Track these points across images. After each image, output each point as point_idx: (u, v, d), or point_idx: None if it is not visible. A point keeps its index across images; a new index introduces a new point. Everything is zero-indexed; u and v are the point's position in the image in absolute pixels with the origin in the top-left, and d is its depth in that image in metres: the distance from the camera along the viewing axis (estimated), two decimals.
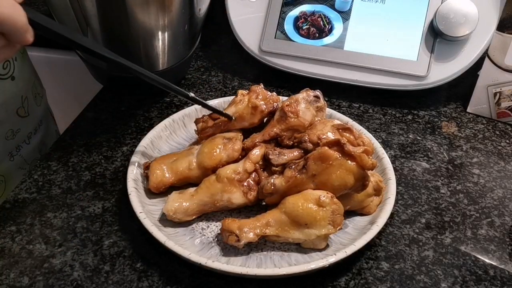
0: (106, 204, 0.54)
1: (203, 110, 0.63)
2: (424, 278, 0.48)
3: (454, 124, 0.70)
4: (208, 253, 0.48)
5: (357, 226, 0.51)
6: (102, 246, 0.50)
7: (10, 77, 0.61)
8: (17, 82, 0.63)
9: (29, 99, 0.67)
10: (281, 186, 0.49)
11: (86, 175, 0.58)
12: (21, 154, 0.66)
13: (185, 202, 0.50)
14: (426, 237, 0.52)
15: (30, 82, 0.68)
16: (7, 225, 0.52)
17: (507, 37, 0.65)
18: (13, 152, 0.65)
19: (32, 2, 1.00)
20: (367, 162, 0.48)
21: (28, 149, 0.68)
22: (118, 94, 0.72)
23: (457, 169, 0.62)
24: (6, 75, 0.61)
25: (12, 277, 0.47)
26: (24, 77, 0.65)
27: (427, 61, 0.69)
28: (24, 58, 0.66)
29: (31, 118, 0.68)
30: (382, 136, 0.66)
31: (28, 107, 0.66)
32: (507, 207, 0.56)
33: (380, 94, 0.73)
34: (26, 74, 0.66)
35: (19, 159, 0.66)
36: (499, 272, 0.49)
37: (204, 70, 0.79)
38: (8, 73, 0.61)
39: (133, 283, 0.47)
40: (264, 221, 0.48)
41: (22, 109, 0.65)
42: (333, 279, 0.48)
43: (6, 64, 0.60)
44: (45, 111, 0.74)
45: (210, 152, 0.53)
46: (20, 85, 0.64)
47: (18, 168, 0.66)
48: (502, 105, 0.69)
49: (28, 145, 0.68)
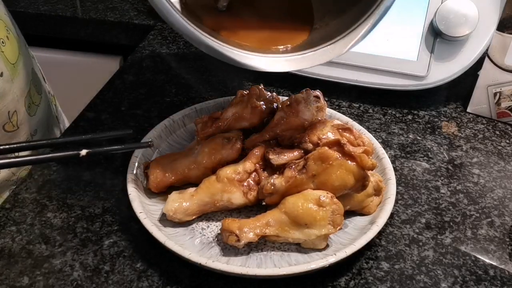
0: (106, 204, 0.54)
1: (203, 110, 0.63)
2: (424, 278, 0.48)
3: (454, 124, 0.70)
4: (208, 253, 0.48)
5: (357, 226, 0.51)
6: (102, 246, 0.50)
7: None
8: (1, 99, 0.59)
9: (19, 112, 0.62)
10: (281, 186, 0.49)
11: (86, 176, 0.58)
12: (10, 168, 0.62)
13: (185, 202, 0.50)
14: (426, 237, 0.52)
15: (22, 94, 0.63)
16: (7, 225, 0.52)
17: (507, 37, 0.65)
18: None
19: (32, 2, 1.00)
20: (367, 162, 0.48)
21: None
22: (118, 94, 0.72)
23: (457, 169, 0.62)
24: None
25: (12, 277, 0.47)
26: (13, 91, 0.61)
27: (427, 61, 0.69)
28: (15, 72, 0.62)
29: (22, 130, 0.64)
30: (382, 136, 0.66)
31: (18, 121, 0.62)
32: (507, 207, 0.56)
33: (380, 94, 0.73)
34: (16, 88, 0.62)
35: (6, 171, 0.62)
36: (499, 272, 0.49)
37: (204, 70, 0.79)
38: None
39: (133, 283, 0.47)
40: (264, 221, 0.48)
41: (10, 124, 0.61)
42: (333, 279, 0.48)
43: None
44: (42, 119, 0.69)
45: (210, 152, 0.53)
46: (6, 100, 0.60)
47: (5, 181, 0.62)
48: (502, 105, 0.69)
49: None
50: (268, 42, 0.53)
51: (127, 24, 0.95)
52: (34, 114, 0.67)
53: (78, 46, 1.03)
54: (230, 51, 0.49)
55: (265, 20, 0.56)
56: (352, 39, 0.49)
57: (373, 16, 0.48)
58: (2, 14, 0.63)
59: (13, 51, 0.62)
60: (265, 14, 0.57)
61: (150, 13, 0.97)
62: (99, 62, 1.02)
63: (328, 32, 0.52)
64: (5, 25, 0.62)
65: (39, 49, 0.94)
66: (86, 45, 1.02)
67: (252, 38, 0.53)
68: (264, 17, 0.56)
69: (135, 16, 0.96)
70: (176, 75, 0.78)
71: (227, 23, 0.54)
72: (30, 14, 0.98)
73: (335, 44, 0.50)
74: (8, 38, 0.62)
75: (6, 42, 0.61)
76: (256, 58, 0.49)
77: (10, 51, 0.61)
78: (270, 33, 0.54)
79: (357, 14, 0.50)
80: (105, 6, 1.00)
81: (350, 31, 0.49)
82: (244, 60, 0.49)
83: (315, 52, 0.50)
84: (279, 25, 0.55)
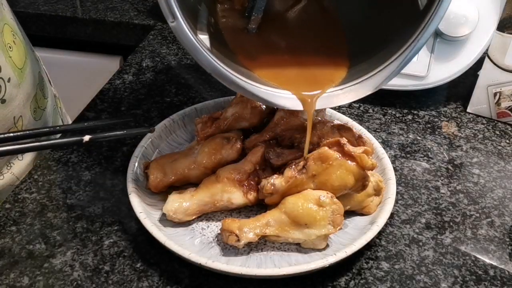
0: (106, 204, 0.54)
1: (203, 110, 0.63)
2: (424, 278, 0.48)
3: (454, 124, 0.70)
4: (208, 253, 0.48)
5: (357, 226, 0.51)
6: (102, 246, 0.50)
7: (0, 101, 0.57)
8: (8, 105, 0.58)
9: (24, 117, 0.62)
10: (281, 186, 0.49)
11: (86, 175, 0.58)
12: (13, 172, 0.62)
13: (185, 202, 0.50)
14: (426, 237, 0.52)
15: (28, 99, 0.63)
16: (7, 225, 0.52)
17: (507, 37, 0.65)
18: (3, 170, 0.61)
19: (32, 2, 1.00)
20: (367, 162, 0.48)
21: (20, 166, 0.63)
22: (118, 94, 0.72)
23: (457, 169, 0.62)
24: None
25: (12, 277, 0.47)
26: (20, 97, 0.61)
27: (427, 61, 0.69)
28: (22, 76, 0.61)
29: None
30: (382, 136, 0.66)
31: (23, 126, 0.62)
32: (507, 207, 0.56)
33: (380, 94, 0.73)
34: (23, 93, 0.61)
35: (9, 176, 0.62)
36: (499, 272, 0.49)
37: (204, 70, 0.79)
38: None
39: (133, 283, 0.47)
40: (264, 221, 0.48)
41: (15, 129, 0.60)
42: (333, 279, 0.48)
43: None
44: (47, 123, 0.69)
45: (210, 152, 0.53)
46: (12, 106, 0.59)
47: (8, 186, 0.61)
48: (502, 105, 0.69)
49: (21, 161, 0.63)
50: (308, 84, 0.51)
51: (127, 24, 0.95)
52: (39, 119, 0.66)
53: (78, 46, 1.03)
54: (263, 91, 0.48)
55: (297, 51, 0.54)
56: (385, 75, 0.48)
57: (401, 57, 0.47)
58: (9, 18, 0.62)
59: (20, 56, 0.61)
60: (297, 42, 0.55)
61: (150, 13, 0.97)
62: (99, 62, 1.02)
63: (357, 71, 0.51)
64: (12, 30, 0.62)
65: (39, 49, 0.93)
66: (86, 45, 1.02)
67: (288, 78, 0.51)
68: (296, 46, 0.55)
69: (135, 16, 0.96)
70: (176, 75, 0.78)
71: (260, 53, 0.53)
72: (30, 14, 0.98)
73: (367, 80, 0.49)
74: (15, 42, 0.61)
75: (13, 47, 0.60)
76: (293, 98, 0.49)
77: (17, 56, 0.60)
78: (306, 69, 0.53)
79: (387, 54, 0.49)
80: (105, 6, 1.00)
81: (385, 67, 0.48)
82: (279, 101, 0.49)
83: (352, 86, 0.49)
84: (313, 59, 0.54)
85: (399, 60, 0.47)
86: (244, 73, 0.48)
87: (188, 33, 0.44)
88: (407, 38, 0.47)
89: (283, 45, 0.55)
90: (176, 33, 0.44)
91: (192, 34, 0.44)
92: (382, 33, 0.51)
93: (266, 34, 0.54)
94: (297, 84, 0.50)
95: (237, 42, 0.53)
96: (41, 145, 0.49)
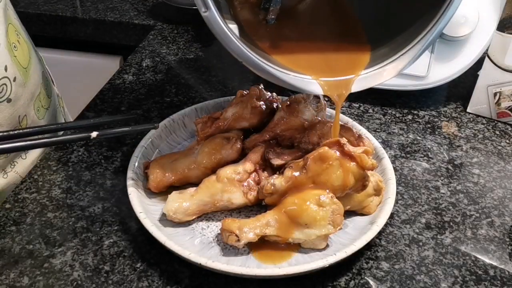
0: (106, 204, 0.54)
1: (203, 110, 0.63)
2: (424, 278, 0.48)
3: (454, 124, 0.70)
4: (208, 253, 0.48)
5: (357, 226, 0.51)
6: (102, 246, 0.50)
7: (6, 100, 0.57)
8: (13, 103, 0.59)
9: (28, 116, 0.62)
10: (281, 186, 0.49)
11: (86, 175, 0.58)
12: (16, 171, 0.62)
13: (185, 202, 0.50)
14: (426, 237, 0.52)
15: (32, 98, 0.63)
16: (7, 225, 0.52)
17: (507, 37, 0.65)
18: (6, 169, 0.60)
19: (32, 2, 1.00)
20: (367, 162, 0.48)
21: (24, 165, 0.63)
22: (118, 94, 0.72)
23: (457, 169, 0.62)
24: (1, 99, 0.57)
25: (12, 277, 0.47)
26: (25, 96, 0.61)
27: (427, 61, 0.69)
28: (27, 76, 0.61)
29: None
30: (382, 136, 0.66)
31: (27, 125, 0.62)
32: (507, 207, 0.56)
33: (380, 94, 0.73)
34: (28, 92, 0.62)
35: (13, 175, 0.62)
36: (499, 272, 0.49)
37: (204, 70, 0.79)
38: (3, 96, 0.57)
39: (133, 283, 0.47)
40: (264, 221, 0.48)
41: (19, 128, 0.60)
42: (333, 279, 0.48)
43: (2, 88, 0.56)
44: (50, 121, 0.69)
45: (210, 152, 0.53)
46: (18, 105, 0.60)
47: (12, 184, 0.61)
48: (502, 105, 0.69)
49: (25, 160, 0.63)
50: (332, 70, 0.51)
51: (127, 24, 0.95)
52: (42, 118, 0.66)
53: (78, 46, 1.03)
54: (295, 78, 0.49)
55: (318, 40, 0.55)
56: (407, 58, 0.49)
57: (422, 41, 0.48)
58: (13, 18, 0.62)
59: (24, 55, 0.62)
60: (316, 31, 0.56)
61: (150, 13, 0.97)
62: (99, 62, 1.03)
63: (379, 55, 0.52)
64: (16, 30, 0.62)
65: (39, 49, 0.93)
66: (86, 45, 1.02)
67: (319, 65, 0.52)
68: (316, 35, 0.55)
69: (135, 16, 0.96)
70: (176, 75, 0.78)
71: (283, 43, 0.54)
72: (30, 14, 0.98)
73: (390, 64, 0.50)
74: (19, 42, 0.61)
75: (18, 47, 0.60)
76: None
77: (21, 56, 0.61)
78: (329, 56, 0.53)
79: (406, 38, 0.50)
80: (105, 6, 1.00)
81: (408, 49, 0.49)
82: (310, 87, 0.49)
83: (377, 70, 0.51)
84: (336, 46, 0.54)
85: (421, 43, 0.48)
86: (272, 62, 0.49)
87: (220, 22, 0.44)
88: (428, 21, 0.47)
89: (304, 35, 0.55)
90: (209, 23, 0.44)
91: (225, 23, 0.44)
92: (402, 17, 0.52)
93: (285, 25, 0.55)
94: (329, 70, 0.51)
95: (258, 33, 0.54)
96: (49, 141, 0.49)
